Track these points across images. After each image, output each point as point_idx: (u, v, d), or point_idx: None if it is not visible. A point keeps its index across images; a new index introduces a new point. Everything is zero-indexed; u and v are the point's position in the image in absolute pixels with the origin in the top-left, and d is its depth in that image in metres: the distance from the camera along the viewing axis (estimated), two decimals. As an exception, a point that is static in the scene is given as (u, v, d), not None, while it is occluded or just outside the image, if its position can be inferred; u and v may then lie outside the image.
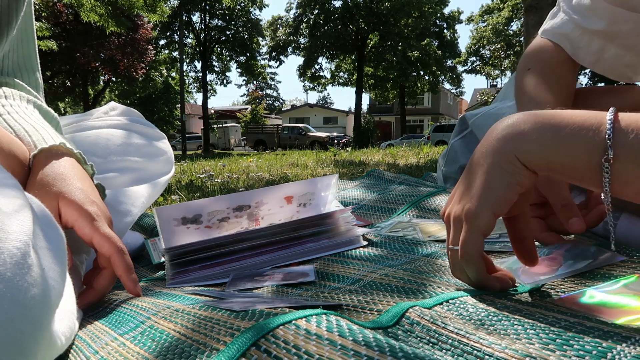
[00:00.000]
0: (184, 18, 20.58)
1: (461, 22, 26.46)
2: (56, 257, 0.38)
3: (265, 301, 0.52)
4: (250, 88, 39.12)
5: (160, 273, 0.84)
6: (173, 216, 0.79)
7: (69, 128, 0.83)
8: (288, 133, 21.45)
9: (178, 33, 20.21)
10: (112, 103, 0.95)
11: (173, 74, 24.87)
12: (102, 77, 19.84)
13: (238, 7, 22.29)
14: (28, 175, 0.57)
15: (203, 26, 22.26)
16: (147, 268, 0.92)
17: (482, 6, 26.99)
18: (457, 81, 26.25)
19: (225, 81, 24.91)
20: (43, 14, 14.39)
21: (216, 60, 23.92)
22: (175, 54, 22.73)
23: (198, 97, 34.63)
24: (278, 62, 25.20)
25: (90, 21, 9.74)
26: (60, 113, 12.71)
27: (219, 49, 23.48)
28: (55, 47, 13.85)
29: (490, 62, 26.52)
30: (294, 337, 0.35)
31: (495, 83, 31.06)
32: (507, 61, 24.91)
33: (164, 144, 0.90)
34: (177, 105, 23.31)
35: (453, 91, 32.00)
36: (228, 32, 22.73)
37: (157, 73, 21.61)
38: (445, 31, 24.25)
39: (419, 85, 22.77)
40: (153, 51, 19.33)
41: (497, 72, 27.61)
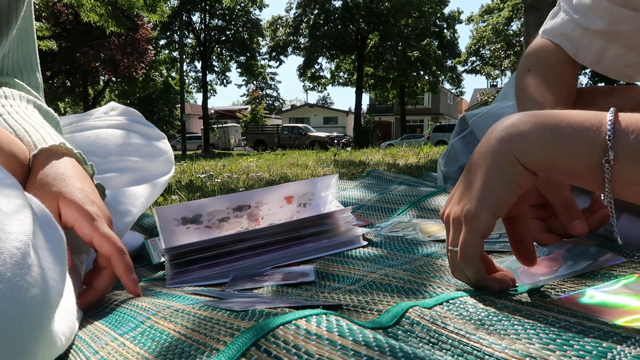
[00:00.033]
0: (184, 18, 20.57)
1: (461, 22, 26.47)
2: (56, 257, 0.38)
3: (265, 301, 0.52)
4: (250, 88, 39.14)
5: (160, 273, 0.84)
6: (173, 216, 0.79)
7: (69, 128, 0.83)
8: (288, 133, 21.44)
9: (178, 33, 20.21)
10: (112, 103, 0.95)
11: (173, 74, 24.86)
12: (102, 77, 19.84)
13: (238, 7, 22.29)
14: (28, 175, 0.57)
15: (203, 26, 22.25)
16: (147, 268, 0.92)
17: (482, 6, 27.00)
18: (457, 81, 26.25)
19: (225, 81, 24.91)
20: (43, 14, 14.39)
21: (216, 60, 23.91)
22: (175, 54, 22.74)
23: (198, 97, 34.69)
24: (278, 62, 25.22)
25: (90, 21, 9.73)
26: (60, 113, 12.72)
27: (219, 49, 23.48)
28: (55, 47, 13.84)
29: (490, 62, 26.52)
30: (294, 337, 0.35)
31: (495, 83, 31.06)
32: (507, 61, 24.91)
33: (164, 144, 0.90)
34: (177, 105, 23.31)
35: (453, 91, 32.00)
36: (228, 32, 22.73)
37: (157, 73, 21.61)
38: (445, 31, 24.24)
39: (419, 85, 22.77)
40: (153, 51, 19.33)
41: (497, 72, 27.62)
